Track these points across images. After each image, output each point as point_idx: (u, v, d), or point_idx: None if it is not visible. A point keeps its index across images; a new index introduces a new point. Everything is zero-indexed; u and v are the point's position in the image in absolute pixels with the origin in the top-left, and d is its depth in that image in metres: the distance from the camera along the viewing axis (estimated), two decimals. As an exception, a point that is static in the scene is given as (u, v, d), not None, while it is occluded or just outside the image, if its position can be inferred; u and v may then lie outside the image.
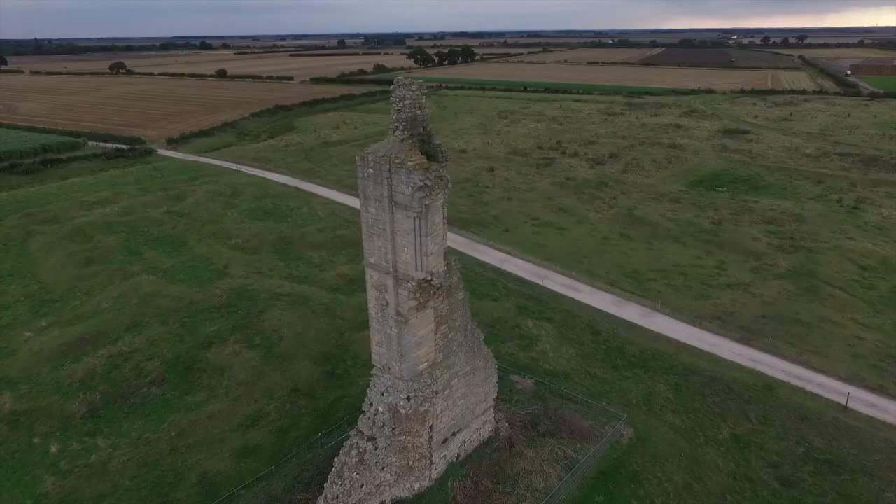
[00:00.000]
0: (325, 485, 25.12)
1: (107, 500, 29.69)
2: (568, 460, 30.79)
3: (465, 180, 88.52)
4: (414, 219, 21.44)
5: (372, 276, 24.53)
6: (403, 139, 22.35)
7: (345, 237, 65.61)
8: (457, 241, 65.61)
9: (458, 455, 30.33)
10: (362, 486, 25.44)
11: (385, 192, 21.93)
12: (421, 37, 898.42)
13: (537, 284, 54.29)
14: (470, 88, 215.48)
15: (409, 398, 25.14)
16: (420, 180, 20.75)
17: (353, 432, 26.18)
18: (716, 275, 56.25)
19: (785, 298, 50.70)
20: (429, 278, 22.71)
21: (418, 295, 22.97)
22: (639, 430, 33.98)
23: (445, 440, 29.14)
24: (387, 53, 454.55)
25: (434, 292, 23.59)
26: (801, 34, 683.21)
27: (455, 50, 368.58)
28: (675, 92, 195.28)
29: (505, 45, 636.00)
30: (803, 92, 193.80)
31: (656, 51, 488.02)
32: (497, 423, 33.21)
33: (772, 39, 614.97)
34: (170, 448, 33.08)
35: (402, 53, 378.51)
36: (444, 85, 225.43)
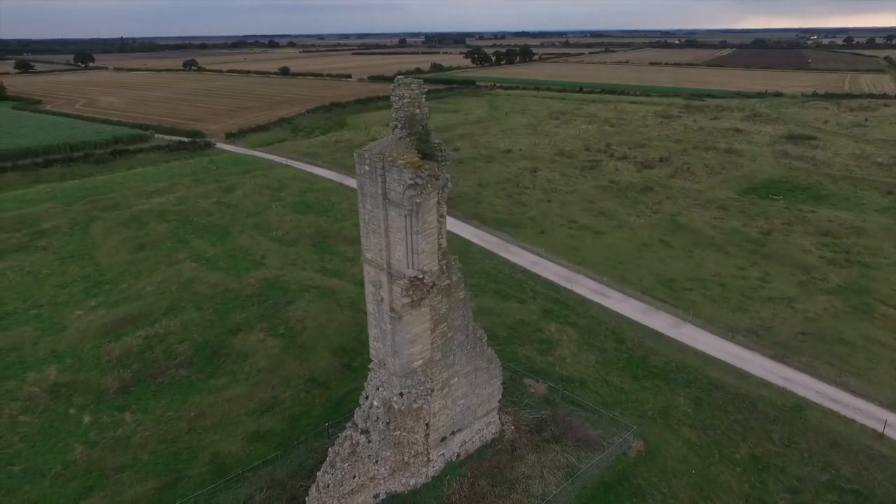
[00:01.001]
0: (317, 473, 25.78)
1: (126, 471, 31.58)
2: (570, 468, 30.22)
3: (506, 181, 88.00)
4: (405, 216, 21.67)
5: (369, 272, 24.96)
6: (401, 137, 22.61)
7: (379, 233, 66.60)
8: (490, 241, 65.47)
9: (458, 454, 30.37)
10: (354, 477, 25.93)
11: (379, 190, 22.27)
12: (481, 36, 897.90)
13: (566, 288, 53.39)
14: (524, 88, 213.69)
15: (402, 394, 25.41)
16: (410, 178, 20.95)
17: (348, 424, 26.72)
18: (758, 287, 53.53)
19: (831, 315, 47.67)
20: (420, 276, 22.88)
21: (411, 292, 23.18)
22: (649, 442, 32.91)
23: (444, 438, 29.25)
24: (445, 52, 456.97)
25: (428, 291, 23.74)
26: (890, 34, 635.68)
27: (513, 49, 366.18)
28: (739, 95, 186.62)
29: (566, 44, 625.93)
30: (884, 96, 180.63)
31: (725, 52, 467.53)
32: (503, 425, 33.02)
33: (856, 40, 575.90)
34: (188, 427, 34.78)
35: (460, 53, 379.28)
36: (498, 85, 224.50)
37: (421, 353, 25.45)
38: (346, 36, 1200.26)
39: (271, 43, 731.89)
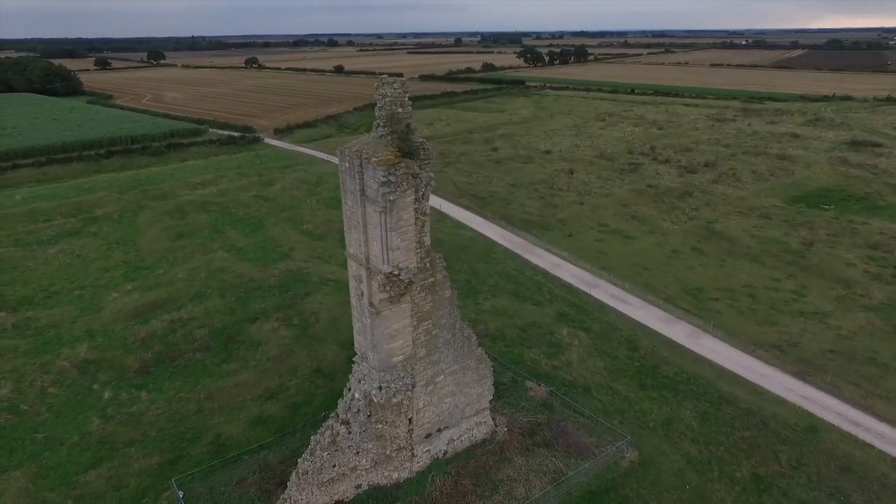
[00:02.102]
0: (298, 460, 26.56)
1: (135, 445, 33.46)
2: (557, 474, 29.82)
3: (540, 182, 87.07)
4: (380, 213, 22.02)
5: (351, 266, 25.49)
6: (382, 135, 22.99)
7: (406, 230, 67.40)
8: (515, 242, 65.07)
9: (446, 452, 30.52)
10: (334, 466, 26.55)
11: (357, 186, 22.73)
12: (539, 36, 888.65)
13: (585, 293, 52.45)
14: (574, 89, 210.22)
15: (381, 388, 25.82)
16: (383, 176, 21.29)
17: (331, 414, 27.38)
18: (791, 300, 50.91)
19: (866, 334, 44.81)
20: (396, 273, 23.19)
21: (388, 288, 23.53)
22: (645, 453, 32.01)
23: (429, 435, 29.48)
24: (500, 52, 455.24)
25: (405, 287, 24.02)
26: None
27: (567, 49, 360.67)
28: (803, 98, 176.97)
29: (625, 45, 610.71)
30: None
31: (796, 52, 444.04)
32: (497, 426, 32.93)
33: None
34: (196, 409, 36.45)
35: (514, 53, 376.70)
36: (547, 85, 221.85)
37: (401, 349, 25.78)
38: (404, 35, 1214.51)
39: (330, 42, 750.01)
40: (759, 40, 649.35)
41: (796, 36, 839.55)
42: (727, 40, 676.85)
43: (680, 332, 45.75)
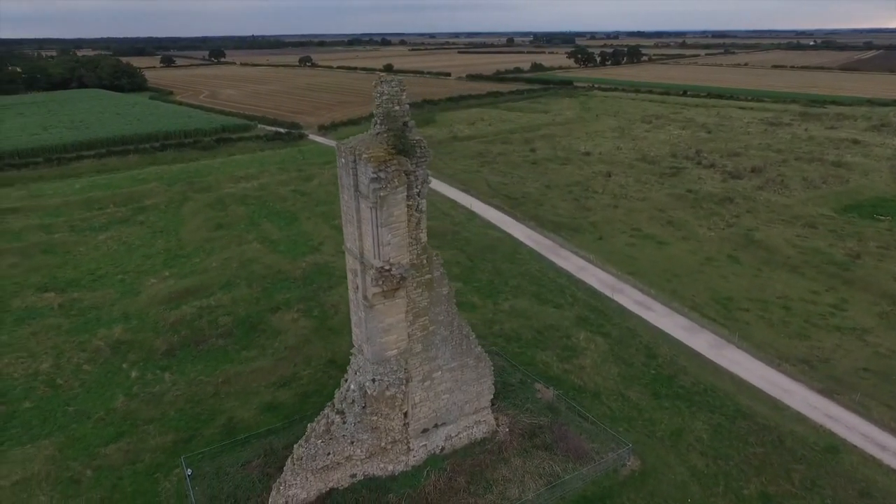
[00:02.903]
0: (294, 445, 27.40)
1: (153, 423, 35.27)
2: (553, 477, 29.56)
3: (576, 184, 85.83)
4: (371, 209, 22.47)
5: (348, 260, 26.08)
6: (378, 133, 23.43)
7: (434, 228, 67.69)
8: (542, 243, 64.50)
9: (443, 448, 30.75)
10: (329, 454, 27.24)
11: (351, 182, 23.26)
12: (593, 36, 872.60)
13: (608, 297, 51.50)
14: (623, 90, 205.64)
15: (374, 380, 26.31)
16: (373, 172, 21.71)
17: (328, 403, 28.09)
18: (828, 314, 48.42)
19: (907, 353, 42.12)
20: (387, 268, 23.58)
21: (381, 282, 23.96)
22: (647, 463, 31.28)
23: (426, 430, 29.79)
24: (551, 52, 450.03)
25: (398, 282, 24.39)
26: None
27: (620, 50, 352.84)
28: (870, 102, 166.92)
29: (682, 45, 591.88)
30: None
31: (869, 53, 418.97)
32: (498, 426, 32.91)
33: None
34: (214, 392, 38.06)
35: (565, 53, 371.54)
36: (596, 86, 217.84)
37: (396, 343, 26.18)
38: (457, 35, 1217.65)
39: (384, 41, 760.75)
40: (830, 41, 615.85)
41: (871, 36, 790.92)
42: (794, 41, 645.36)
43: (703, 341, 44.30)
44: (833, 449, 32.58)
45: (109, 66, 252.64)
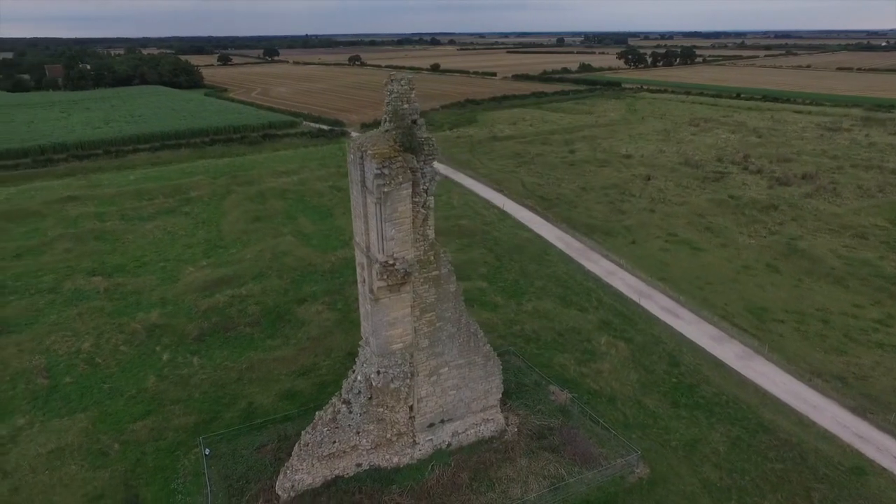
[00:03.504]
0: (302, 431, 28.27)
1: (179, 404, 36.99)
2: (557, 479, 29.38)
3: (612, 186, 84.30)
4: (376, 204, 22.98)
5: (357, 254, 26.68)
6: (387, 130, 23.92)
7: (464, 227, 68.24)
8: (573, 246, 63.80)
9: (449, 444, 31.04)
10: (334, 442, 27.97)
11: (359, 177, 23.84)
12: (646, 36, 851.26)
13: (635, 302, 50.51)
14: (673, 92, 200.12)
15: (378, 373, 26.85)
16: (377, 168, 22.20)
17: (336, 393, 28.82)
18: (871, 329, 46.00)
19: (954, 375, 39.59)
20: (391, 262, 24.04)
21: (385, 277, 24.45)
22: (657, 472, 30.65)
23: (432, 425, 30.15)
24: (601, 53, 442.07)
25: (402, 277, 24.81)
26: None
27: (673, 51, 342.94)
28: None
29: (741, 46, 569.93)
30: None
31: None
32: (508, 426, 32.95)
33: None
34: (237, 377, 39.57)
35: (615, 53, 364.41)
36: (644, 87, 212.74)
37: (401, 337, 26.64)
38: (506, 35, 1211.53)
39: (433, 41, 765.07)
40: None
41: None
42: (863, 41, 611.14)
43: (730, 351, 42.91)
44: (860, 470, 31.06)
45: (169, 63, 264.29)
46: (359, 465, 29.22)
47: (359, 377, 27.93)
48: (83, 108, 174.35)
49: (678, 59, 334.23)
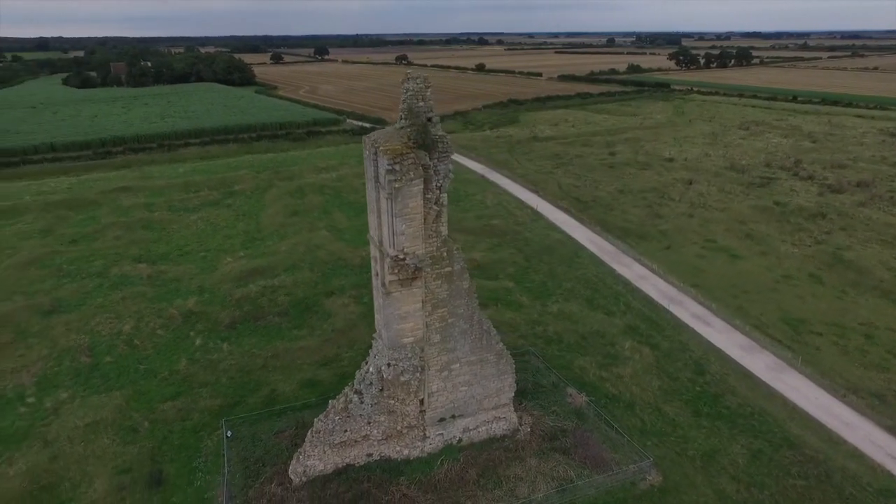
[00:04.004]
0: (315, 419, 29.12)
1: (207, 387, 38.64)
2: (565, 481, 29.22)
3: (651, 190, 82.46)
4: (386, 199, 23.48)
5: (371, 248, 27.27)
6: (402, 127, 24.39)
7: (496, 227, 68.23)
8: (605, 249, 62.86)
9: (460, 439, 31.32)
10: (346, 431, 28.70)
11: (373, 173, 24.40)
12: (702, 37, 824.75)
13: (665, 308, 49.42)
14: (725, 94, 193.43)
15: (389, 365, 27.38)
16: (388, 164, 22.69)
17: (350, 383, 29.54)
18: (918, 347, 43.53)
19: None
20: (401, 257, 24.49)
21: (396, 271, 24.94)
22: (670, 480, 30.04)
23: (443, 419, 30.49)
24: (652, 53, 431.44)
25: (413, 272, 25.24)
26: None
27: (728, 52, 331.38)
28: None
29: (803, 47, 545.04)
30: None
31: None
32: (521, 426, 32.96)
33: None
34: (262, 364, 40.98)
35: (666, 54, 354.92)
36: (695, 89, 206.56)
37: (412, 331, 27.09)
38: (556, 34, 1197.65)
39: (481, 40, 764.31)
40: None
41: None
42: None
43: (760, 363, 41.48)
44: (889, 493, 29.58)
45: (223, 62, 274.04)
46: (369, 455, 29.86)
47: (371, 369, 28.56)
48: (142, 104, 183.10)
49: (732, 61, 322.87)
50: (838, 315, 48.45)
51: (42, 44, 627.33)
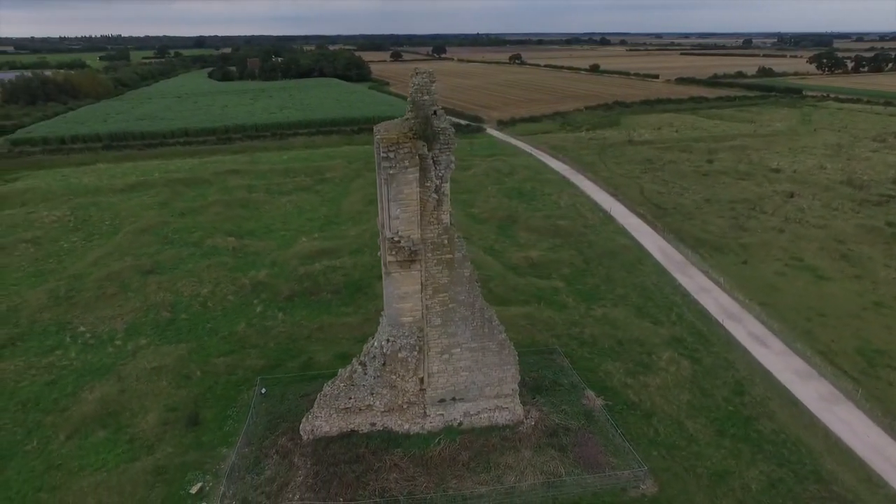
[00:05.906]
0: (325, 383, 31.74)
1: (256, 349, 43.02)
2: (554, 477, 29.36)
3: (742, 201, 76.81)
4: (384, 184, 25.24)
5: (379, 230, 29.18)
6: (406, 119, 26.03)
7: (561, 227, 67.57)
8: (672, 258, 60.15)
9: (461, 422, 32.47)
10: (350, 398, 31.04)
11: (377, 160, 26.25)
12: (860, 38, 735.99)
13: (718, 323, 46.66)
14: (868, 102, 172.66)
15: (388, 341, 29.22)
16: (383, 152, 24.41)
17: (357, 355, 31.79)
18: None
19: None
20: (396, 239, 26.14)
21: (394, 253, 26.68)
22: (665, 493, 29.04)
23: (443, 400, 31.83)
24: (792, 56, 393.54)
25: (409, 255, 26.79)
26: None
27: (885, 54, 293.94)
28: None
29: None
30: None
31: None
32: (526, 419, 33.42)
33: None
34: (307, 335, 44.69)
35: (808, 57, 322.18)
36: (832, 95, 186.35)
37: (410, 311, 28.72)
38: (686, 35, 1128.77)
39: (602, 40, 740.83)
40: None
41: None
42: None
43: (813, 391, 38.10)
44: (921, 546, 26.43)
45: (344, 58, 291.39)
46: (373, 424, 31.98)
47: (375, 343, 30.62)
48: (267, 96, 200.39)
49: (890, 65, 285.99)
50: (929, 352, 42.87)
51: (200, 41, 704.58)
